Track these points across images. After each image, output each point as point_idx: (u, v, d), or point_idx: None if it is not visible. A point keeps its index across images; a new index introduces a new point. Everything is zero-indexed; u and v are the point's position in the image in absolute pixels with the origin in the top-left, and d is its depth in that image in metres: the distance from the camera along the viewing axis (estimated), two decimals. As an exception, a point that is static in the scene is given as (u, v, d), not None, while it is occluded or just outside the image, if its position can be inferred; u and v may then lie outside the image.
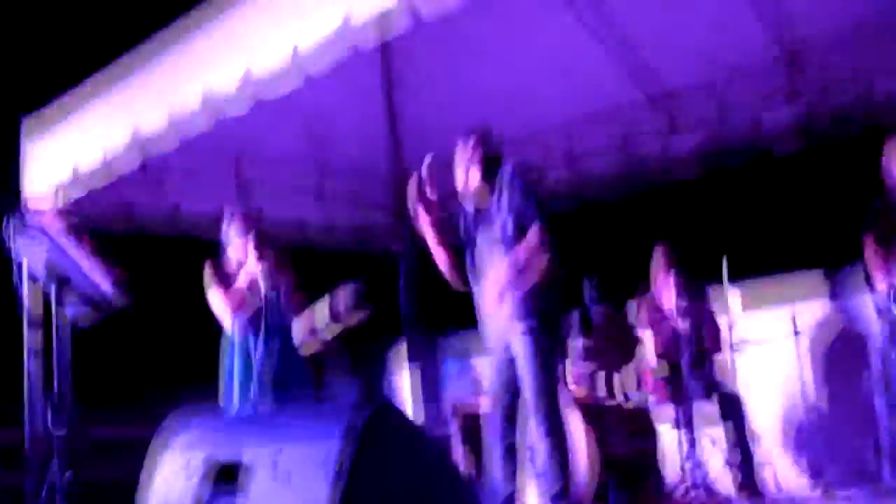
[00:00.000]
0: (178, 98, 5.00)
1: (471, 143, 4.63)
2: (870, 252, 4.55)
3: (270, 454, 2.37)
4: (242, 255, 4.97)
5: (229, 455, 2.47)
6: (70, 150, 5.72)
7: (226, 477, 2.45)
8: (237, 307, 4.91)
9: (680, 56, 6.43)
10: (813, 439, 5.87)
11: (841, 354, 6.16)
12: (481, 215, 4.64)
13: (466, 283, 4.67)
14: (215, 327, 5.03)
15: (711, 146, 6.67)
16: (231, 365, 4.92)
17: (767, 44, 6.17)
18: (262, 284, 4.82)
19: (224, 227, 5.14)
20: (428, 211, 4.51)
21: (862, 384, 5.34)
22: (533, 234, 4.41)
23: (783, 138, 6.34)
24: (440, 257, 4.67)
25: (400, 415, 2.36)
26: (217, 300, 4.94)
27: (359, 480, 2.18)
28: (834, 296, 6.21)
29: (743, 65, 6.35)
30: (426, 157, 4.50)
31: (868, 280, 4.82)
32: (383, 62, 7.16)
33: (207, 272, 5.00)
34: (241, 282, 4.90)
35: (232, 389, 4.86)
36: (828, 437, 6.01)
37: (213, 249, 5.17)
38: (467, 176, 4.62)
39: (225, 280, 4.96)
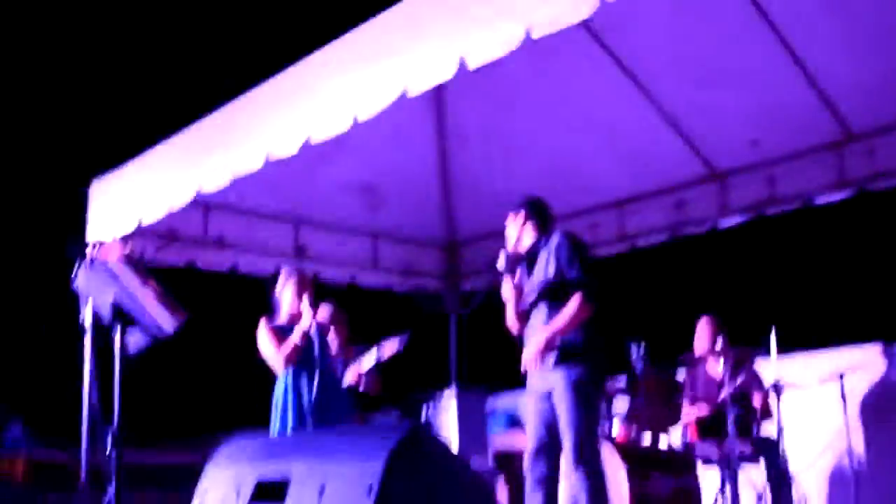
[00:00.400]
0: (240, 160, 5.22)
1: (523, 209, 5.04)
2: None
3: (315, 473, 2.49)
4: (296, 312, 5.44)
5: (276, 473, 2.60)
6: (135, 205, 5.95)
7: (273, 494, 2.57)
8: (290, 360, 5.34)
9: (733, 135, 6.58)
10: (851, 486, 5.78)
11: (886, 397, 6.13)
12: (531, 274, 4.92)
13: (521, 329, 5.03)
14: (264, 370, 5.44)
15: (762, 225, 6.79)
16: (285, 405, 5.31)
17: (819, 127, 6.26)
18: (314, 338, 5.35)
19: (280, 285, 5.62)
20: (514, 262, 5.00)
21: None
22: (573, 302, 4.72)
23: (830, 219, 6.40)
24: (512, 302, 5.04)
25: (433, 436, 2.46)
26: (272, 353, 5.37)
27: (393, 497, 2.29)
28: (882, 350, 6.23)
29: (793, 147, 6.46)
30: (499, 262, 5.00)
31: None
32: (438, 132, 7.43)
33: (264, 328, 5.43)
34: (295, 338, 5.33)
35: (285, 429, 5.23)
36: (868, 487, 5.96)
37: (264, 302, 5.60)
38: (520, 238, 4.99)
39: (278, 334, 5.39)
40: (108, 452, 3.74)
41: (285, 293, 5.56)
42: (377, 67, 4.50)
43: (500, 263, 5.03)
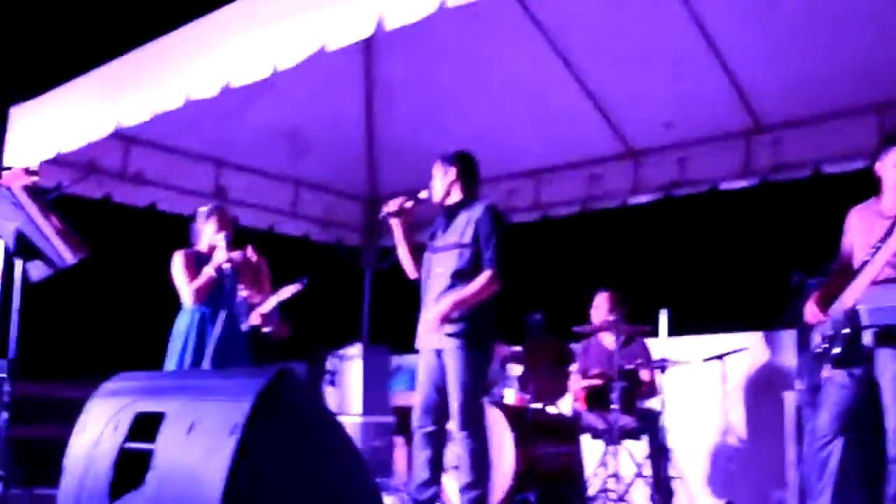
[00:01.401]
0: (160, 97, 5.28)
1: (455, 167, 5.17)
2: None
3: (187, 410, 2.64)
4: (211, 249, 5.51)
5: (151, 408, 2.75)
6: (54, 134, 5.97)
7: (147, 428, 2.72)
8: (200, 294, 5.43)
9: (649, 116, 6.81)
10: (726, 462, 6.10)
11: (764, 382, 6.41)
12: (447, 230, 5.08)
13: (417, 272, 5.24)
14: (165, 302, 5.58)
15: (668, 205, 7.05)
16: (185, 341, 5.42)
17: (730, 116, 6.51)
18: (225, 279, 5.41)
19: (201, 219, 5.70)
20: (401, 212, 5.14)
21: (781, 416, 5.56)
22: (482, 278, 4.89)
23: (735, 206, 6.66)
24: (402, 250, 5.24)
25: (302, 382, 2.61)
26: (183, 283, 5.46)
27: (256, 438, 2.45)
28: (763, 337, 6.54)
29: (705, 133, 6.71)
30: (422, 192, 5.13)
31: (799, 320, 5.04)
32: (366, 83, 7.54)
33: (179, 256, 5.52)
34: (209, 271, 5.41)
35: (182, 362, 5.36)
36: (740, 462, 6.28)
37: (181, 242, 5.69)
38: (447, 193, 5.14)
39: (193, 265, 5.49)
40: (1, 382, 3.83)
41: (206, 228, 5.63)
42: (297, 20, 4.59)
43: (391, 207, 5.17)
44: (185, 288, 5.45)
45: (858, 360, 4.21)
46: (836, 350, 4.23)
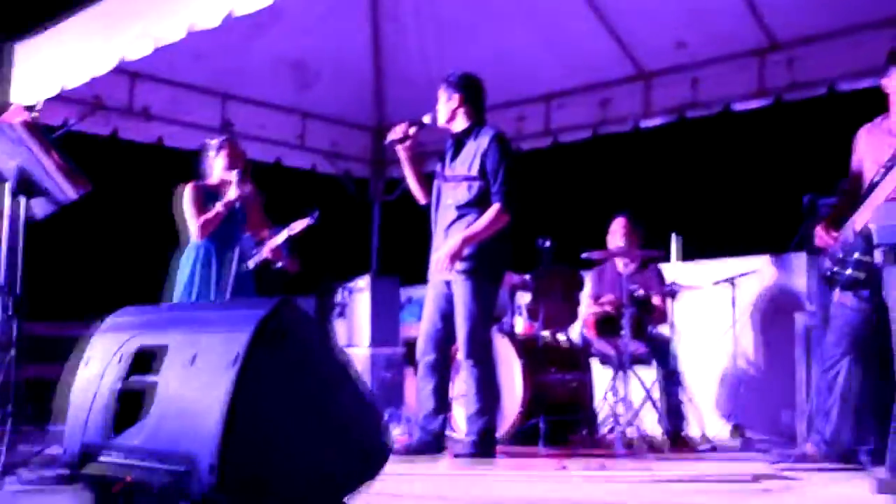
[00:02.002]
0: (163, 29, 5.23)
1: (460, 92, 5.12)
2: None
3: (189, 342, 2.66)
4: (223, 184, 5.51)
5: (154, 341, 2.77)
6: (58, 70, 5.94)
7: (150, 361, 2.74)
8: (206, 229, 5.42)
9: (660, 37, 6.70)
10: (736, 386, 6.12)
11: (775, 305, 6.41)
12: (455, 159, 5.05)
13: (428, 198, 5.27)
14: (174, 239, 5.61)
15: (680, 128, 6.98)
16: (192, 275, 5.44)
17: (744, 33, 6.40)
18: (237, 214, 5.44)
19: (212, 153, 5.66)
20: (406, 138, 5.14)
21: (792, 339, 5.55)
22: (491, 212, 4.88)
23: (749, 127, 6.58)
24: (410, 177, 5.26)
25: (302, 312, 2.62)
26: (192, 220, 5.44)
27: (256, 369, 2.46)
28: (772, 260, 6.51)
29: (717, 52, 6.61)
30: (425, 117, 5.12)
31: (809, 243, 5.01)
32: (373, 11, 7.46)
33: (189, 190, 5.50)
34: (219, 207, 5.40)
35: (189, 294, 5.39)
36: (750, 386, 6.30)
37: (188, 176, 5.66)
38: (451, 117, 5.13)
39: (202, 199, 5.48)
40: (9, 321, 3.85)
41: (216, 162, 5.61)
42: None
43: (395, 133, 5.16)
44: (193, 222, 5.43)
45: (868, 283, 4.20)
46: (847, 272, 4.21)
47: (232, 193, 5.38)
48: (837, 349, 4.41)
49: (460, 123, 5.14)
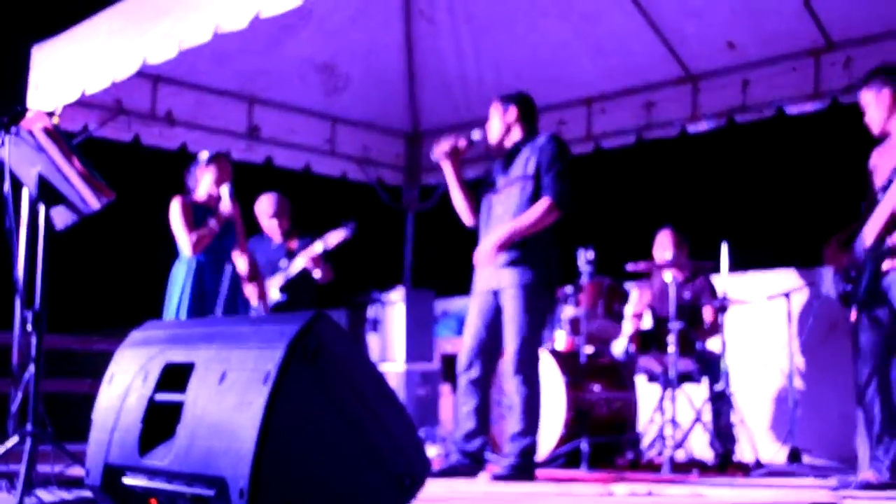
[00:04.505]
0: (188, 31, 5.24)
1: (516, 107, 5.21)
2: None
3: (218, 359, 2.65)
4: (215, 199, 5.65)
5: (181, 357, 2.76)
6: (78, 74, 5.98)
7: (178, 379, 2.73)
8: (199, 247, 5.55)
9: (710, 37, 6.66)
10: (791, 407, 6.03)
11: (832, 320, 6.30)
12: (508, 170, 5.12)
13: (475, 219, 5.28)
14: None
15: (730, 132, 6.92)
16: (182, 291, 5.55)
17: (797, 31, 6.34)
18: (233, 227, 5.61)
19: (199, 168, 5.79)
20: (454, 153, 5.14)
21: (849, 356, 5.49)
22: (541, 205, 4.92)
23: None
24: (457, 194, 5.26)
25: (336, 328, 2.60)
26: (183, 236, 5.55)
27: (290, 387, 2.45)
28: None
29: (770, 53, 6.54)
30: (474, 133, 5.17)
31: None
32: (405, 11, 7.47)
33: (177, 205, 5.61)
34: (213, 226, 5.54)
35: (179, 312, 5.51)
36: (806, 407, 6.19)
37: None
38: (505, 134, 5.18)
39: (191, 215, 5.60)
40: (29, 335, 3.87)
41: (204, 177, 5.73)
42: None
43: (443, 147, 5.16)
44: (185, 237, 5.54)
45: (881, 300, 4.23)
46: (859, 290, 4.25)
47: (225, 206, 5.51)
48: (862, 375, 4.42)
49: (514, 137, 5.19)
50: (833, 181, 7.90)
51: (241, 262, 5.72)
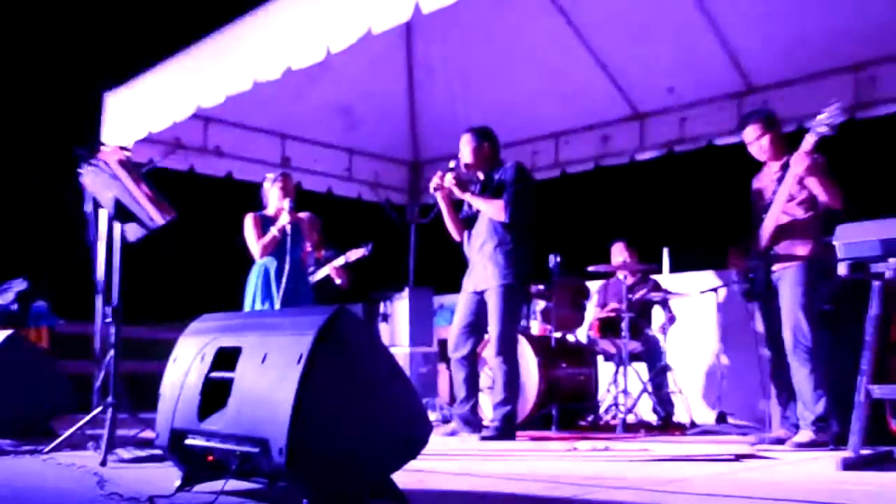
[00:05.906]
0: (232, 82, 5.30)
1: (486, 141, 5.30)
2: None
3: (261, 344, 2.70)
4: (278, 212, 5.63)
5: (231, 342, 2.81)
6: (145, 116, 6.02)
7: (229, 360, 2.78)
8: (266, 250, 5.58)
9: (654, 82, 6.72)
10: (719, 379, 6.09)
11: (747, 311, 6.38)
12: (484, 195, 5.17)
13: (462, 236, 5.37)
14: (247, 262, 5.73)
15: (670, 160, 6.99)
16: (256, 288, 5.58)
17: (725, 78, 6.40)
18: (289, 235, 5.52)
19: (267, 186, 5.79)
20: (441, 187, 5.25)
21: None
22: (496, 203, 5.11)
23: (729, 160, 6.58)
24: (447, 217, 5.34)
25: (357, 320, 2.65)
26: (253, 241, 5.61)
27: (318, 366, 2.49)
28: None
29: (702, 96, 6.61)
30: (451, 162, 5.31)
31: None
32: (408, 65, 7.51)
33: (250, 219, 5.66)
34: (274, 231, 5.55)
35: (253, 305, 5.56)
36: (731, 378, 6.26)
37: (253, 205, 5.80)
38: (474, 158, 5.28)
39: (261, 226, 5.63)
40: (108, 326, 3.92)
41: (272, 193, 5.72)
42: (344, 7, 4.57)
43: (434, 183, 5.24)
44: (255, 244, 5.58)
45: (762, 293, 4.50)
46: (756, 286, 4.52)
47: (284, 219, 5.51)
48: (768, 352, 4.62)
49: (488, 166, 5.25)
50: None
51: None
